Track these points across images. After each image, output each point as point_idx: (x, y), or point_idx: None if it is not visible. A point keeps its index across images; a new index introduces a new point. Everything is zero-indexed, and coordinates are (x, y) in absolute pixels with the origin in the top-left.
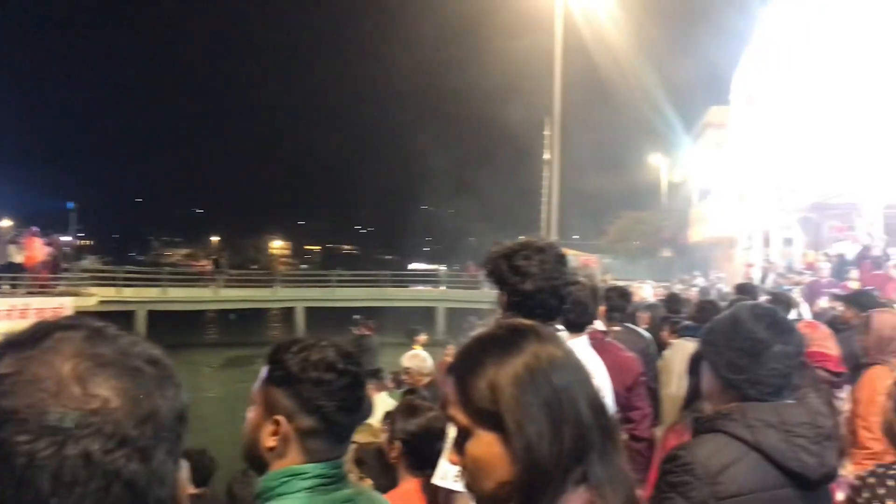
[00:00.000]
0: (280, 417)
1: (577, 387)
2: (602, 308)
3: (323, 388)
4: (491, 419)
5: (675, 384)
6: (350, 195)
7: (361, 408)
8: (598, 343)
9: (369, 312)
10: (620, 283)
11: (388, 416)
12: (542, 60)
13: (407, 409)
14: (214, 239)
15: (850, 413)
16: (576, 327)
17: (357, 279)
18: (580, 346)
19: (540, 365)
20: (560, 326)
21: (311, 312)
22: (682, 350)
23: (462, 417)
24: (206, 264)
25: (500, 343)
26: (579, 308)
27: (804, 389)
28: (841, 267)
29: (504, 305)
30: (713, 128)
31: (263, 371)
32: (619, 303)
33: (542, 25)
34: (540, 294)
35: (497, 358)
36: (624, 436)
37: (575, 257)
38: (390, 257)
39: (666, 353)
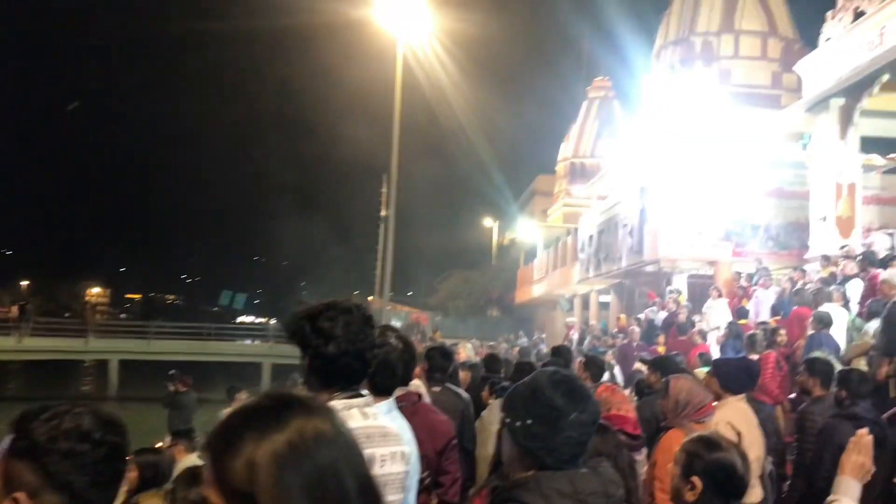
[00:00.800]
0: (20, 495)
1: (345, 464)
2: (422, 368)
3: (74, 460)
4: (247, 501)
5: (491, 445)
6: (177, 242)
7: (119, 482)
8: (410, 406)
9: (190, 367)
10: (450, 341)
11: (173, 483)
12: (383, 121)
13: (189, 477)
14: (24, 283)
15: (648, 476)
16: (383, 391)
17: (178, 331)
18: (385, 411)
19: (304, 441)
20: (364, 392)
21: (127, 365)
22: (498, 411)
23: (217, 499)
24: (10, 310)
25: (262, 416)
26: (387, 371)
27: (597, 458)
28: (650, 331)
29: (306, 369)
30: (540, 195)
31: (5, 441)
32: (440, 363)
33: (381, 90)
34: (343, 357)
35: (257, 433)
36: (434, 500)
37: (407, 314)
38: (217, 309)
39: (484, 413)
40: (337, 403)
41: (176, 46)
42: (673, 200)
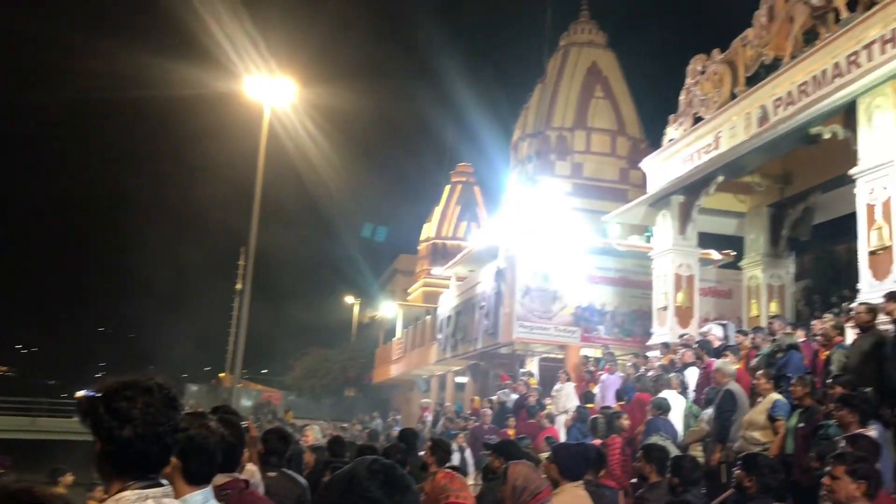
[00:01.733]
0: None
1: None
2: (258, 451)
3: None
4: None
5: None
6: (11, 309)
7: None
8: (236, 494)
9: (18, 445)
10: (302, 422)
11: None
12: (245, 194)
13: None
14: None
15: None
16: (199, 479)
17: (5, 406)
18: (199, 501)
19: None
20: (164, 481)
21: None
22: None
23: None
24: None
25: None
26: (202, 457)
27: None
28: (502, 414)
29: (97, 454)
30: (402, 274)
31: None
32: (276, 446)
33: (245, 164)
34: (140, 442)
35: None
36: None
37: (259, 392)
38: (54, 382)
39: None
40: (130, 494)
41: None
42: (526, 284)
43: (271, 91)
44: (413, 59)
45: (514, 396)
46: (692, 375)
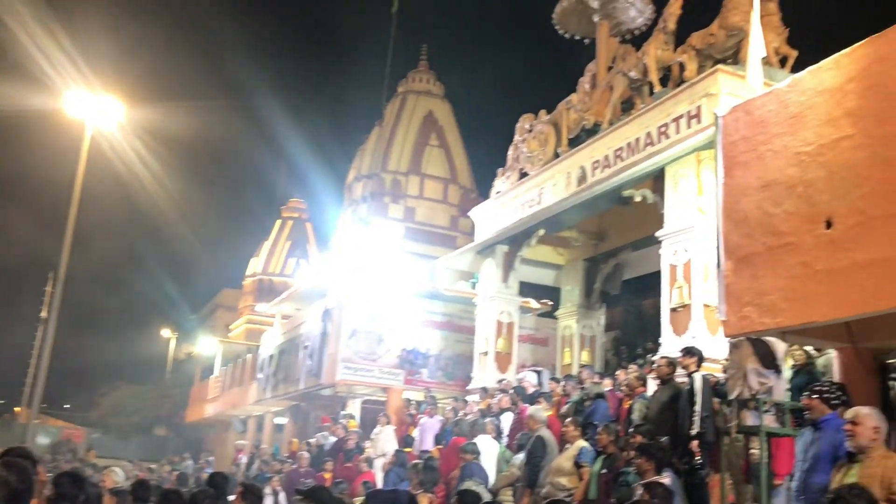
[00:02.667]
0: None
1: None
2: (46, 496)
3: None
4: None
5: None
6: None
7: None
8: None
9: None
10: (105, 462)
11: None
12: (59, 218)
13: None
14: None
15: None
16: None
17: None
18: None
19: None
20: None
21: None
22: None
23: None
24: None
25: None
26: None
27: None
28: (319, 457)
29: None
30: (224, 309)
31: None
32: (69, 491)
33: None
34: None
35: None
36: None
37: (59, 430)
38: None
39: None
40: None
41: None
42: (353, 326)
43: (94, 110)
44: (248, 88)
45: (333, 439)
46: (508, 420)
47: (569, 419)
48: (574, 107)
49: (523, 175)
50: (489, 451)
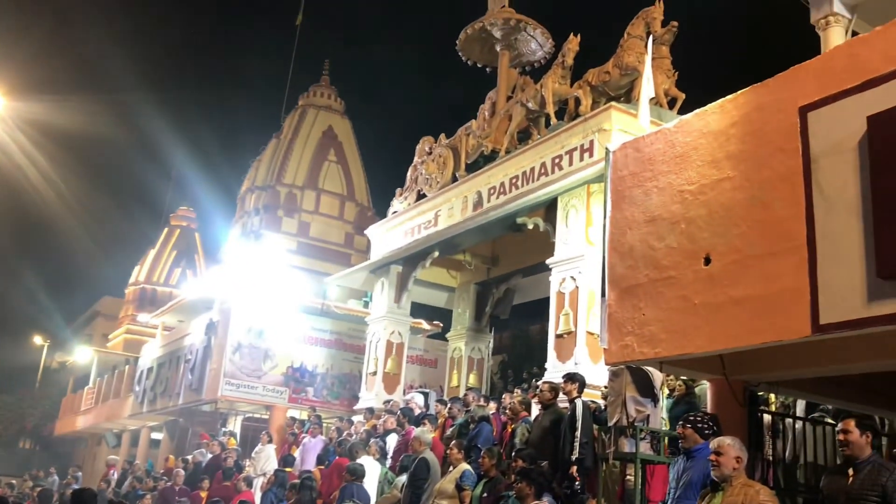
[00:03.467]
0: None
1: None
2: None
3: None
4: None
5: None
6: None
7: None
8: None
9: None
10: None
11: None
12: None
13: None
14: None
15: None
16: None
17: None
18: None
19: None
20: None
21: None
22: None
23: None
24: None
25: None
26: None
27: None
28: (196, 475)
29: None
30: (104, 317)
31: None
32: None
33: None
34: None
35: None
36: None
37: None
38: None
39: None
40: None
41: None
42: (239, 340)
43: None
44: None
45: (211, 456)
46: (393, 442)
47: (453, 442)
48: (473, 133)
49: (421, 196)
50: (372, 473)
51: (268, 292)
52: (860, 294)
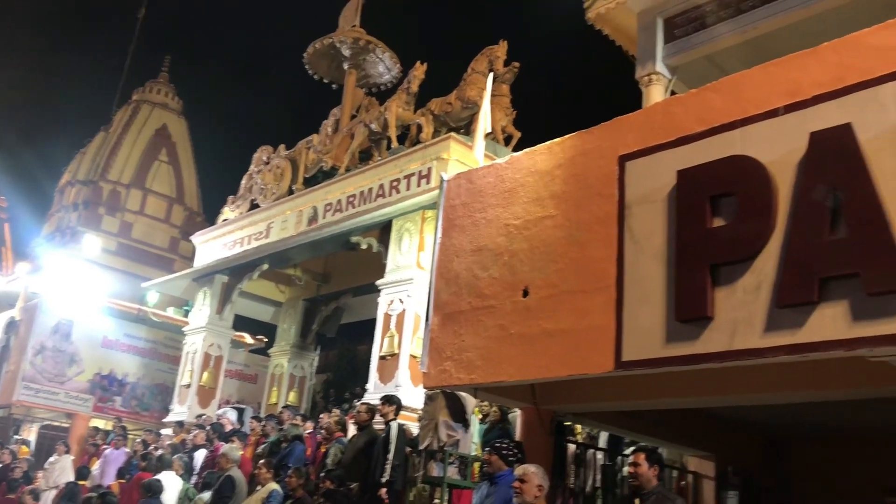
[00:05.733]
0: None
1: None
2: None
3: None
4: None
5: None
6: None
7: None
8: None
9: None
10: None
11: None
12: None
13: None
14: None
15: None
16: None
17: None
18: None
19: None
20: None
21: None
22: None
23: None
24: None
25: None
26: None
27: None
28: None
29: None
30: None
31: None
32: None
33: None
34: None
35: None
36: None
37: None
38: None
39: None
40: None
41: None
42: (42, 342)
43: None
44: None
45: None
46: (202, 457)
47: (262, 460)
48: (314, 147)
49: (254, 206)
50: (172, 489)
51: (79, 293)
52: (660, 335)
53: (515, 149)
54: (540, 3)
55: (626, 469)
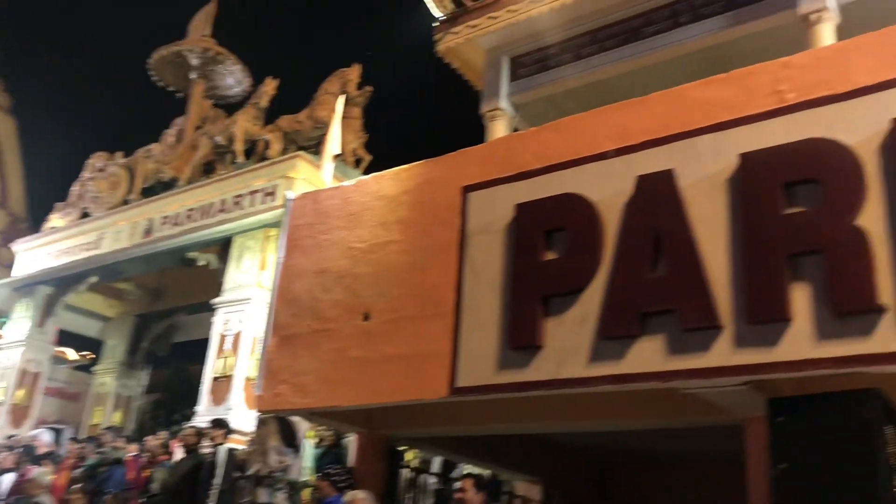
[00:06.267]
0: None
1: None
2: None
3: None
4: None
5: None
6: None
7: None
8: None
9: None
10: None
11: None
12: None
13: None
14: None
15: None
16: None
17: None
18: None
19: None
20: None
21: None
22: None
23: None
24: None
25: None
26: None
27: None
28: None
29: None
30: None
31: None
32: None
33: None
34: None
35: None
36: None
37: None
38: None
39: None
40: None
41: None
42: None
43: None
44: None
45: None
46: (9, 482)
47: (76, 486)
48: (154, 157)
49: (85, 215)
50: None
51: None
52: (493, 362)
53: (366, 172)
54: (395, 31)
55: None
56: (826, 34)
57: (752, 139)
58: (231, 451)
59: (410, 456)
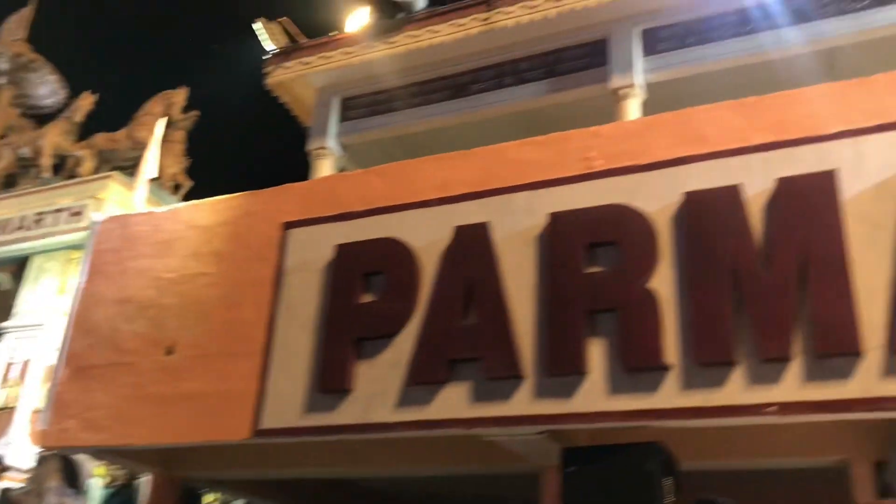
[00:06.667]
0: None
1: None
2: None
3: None
4: None
5: None
6: None
7: None
8: None
9: None
10: None
11: None
12: None
13: None
14: None
15: None
16: None
17: None
18: None
19: None
20: None
21: None
22: None
23: None
24: None
25: None
26: None
27: None
28: None
29: None
30: None
31: None
32: None
33: None
34: None
35: None
36: None
37: None
38: None
39: None
40: None
41: None
42: None
43: None
44: None
45: None
46: None
47: None
48: None
49: None
50: None
51: None
52: (300, 404)
53: (187, 199)
54: (226, 58)
55: None
56: (633, 109)
57: (561, 200)
58: (5, 490)
59: (210, 499)
